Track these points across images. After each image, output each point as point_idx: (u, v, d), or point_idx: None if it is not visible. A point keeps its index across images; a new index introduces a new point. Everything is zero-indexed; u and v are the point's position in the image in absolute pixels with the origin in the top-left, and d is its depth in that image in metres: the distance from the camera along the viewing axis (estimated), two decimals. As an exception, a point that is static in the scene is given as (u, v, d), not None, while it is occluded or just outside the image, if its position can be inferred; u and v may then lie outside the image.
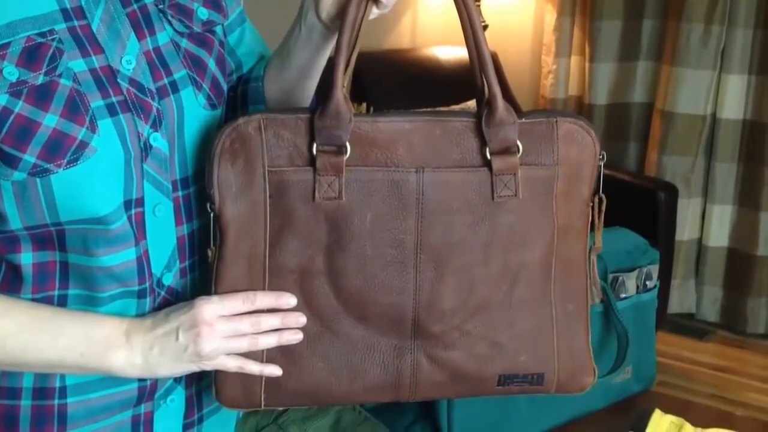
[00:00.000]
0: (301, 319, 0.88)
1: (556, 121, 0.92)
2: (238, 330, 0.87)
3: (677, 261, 3.15)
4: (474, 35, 0.91)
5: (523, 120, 0.90)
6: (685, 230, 3.17)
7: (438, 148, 0.88)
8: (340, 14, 0.89)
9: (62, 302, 0.89)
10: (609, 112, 3.39)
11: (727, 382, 2.83)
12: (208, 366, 0.88)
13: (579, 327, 0.96)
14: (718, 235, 3.20)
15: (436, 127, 0.89)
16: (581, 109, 3.46)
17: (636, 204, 2.88)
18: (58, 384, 0.89)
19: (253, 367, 0.88)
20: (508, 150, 0.89)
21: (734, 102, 3.11)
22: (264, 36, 1.10)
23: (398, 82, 2.76)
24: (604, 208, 0.98)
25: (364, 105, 2.47)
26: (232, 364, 0.88)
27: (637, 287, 1.22)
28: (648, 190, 2.90)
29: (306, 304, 0.89)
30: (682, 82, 3.13)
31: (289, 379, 0.90)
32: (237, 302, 0.87)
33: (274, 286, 0.88)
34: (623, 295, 1.20)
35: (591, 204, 0.97)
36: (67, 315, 0.87)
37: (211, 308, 0.86)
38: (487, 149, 0.88)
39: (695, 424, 1.14)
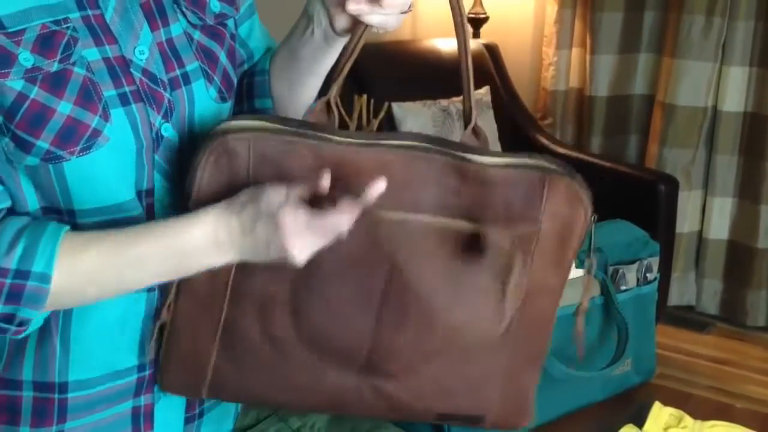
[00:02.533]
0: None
1: (550, 178, 0.84)
2: (322, 235, 0.82)
3: (677, 253, 3.15)
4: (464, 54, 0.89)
5: (514, 167, 0.84)
6: (686, 223, 3.17)
7: (418, 186, 0.84)
8: (354, 27, 0.89)
9: None
10: (610, 104, 3.39)
11: (727, 374, 2.84)
12: None
13: (531, 374, 0.94)
14: (719, 228, 3.20)
15: (419, 161, 0.84)
16: (582, 100, 3.45)
17: (636, 196, 2.88)
18: (57, 380, 0.89)
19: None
20: (487, 207, 0.84)
21: (735, 94, 3.10)
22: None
23: (398, 74, 2.75)
24: (594, 269, 0.94)
25: (364, 97, 2.46)
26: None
27: (638, 280, 1.22)
28: (648, 183, 2.89)
29: (262, 327, 0.87)
30: (683, 74, 3.12)
31: (234, 385, 0.91)
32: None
33: (233, 306, 0.87)
34: (623, 288, 1.20)
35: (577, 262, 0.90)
36: (155, 232, 0.84)
37: (296, 221, 0.80)
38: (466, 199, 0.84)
39: (695, 416, 1.14)
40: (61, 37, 0.83)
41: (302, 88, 1.00)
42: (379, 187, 0.80)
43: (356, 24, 0.89)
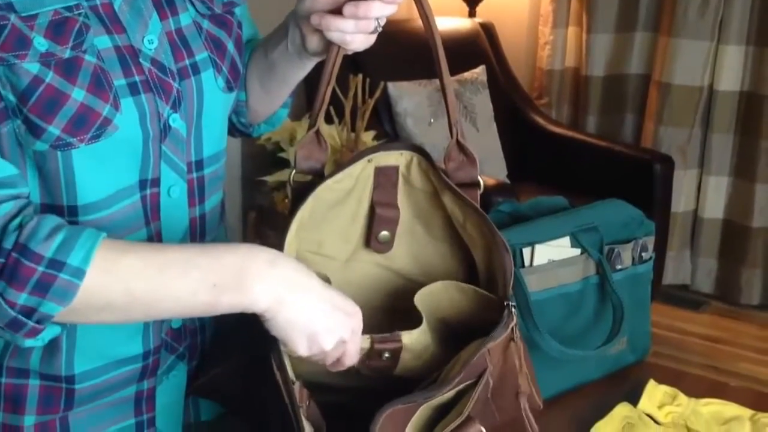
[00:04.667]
0: None
1: (488, 350, 0.81)
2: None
3: (673, 232, 3.16)
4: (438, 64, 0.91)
5: (463, 375, 0.80)
6: (681, 202, 3.18)
7: None
8: (326, 49, 0.91)
9: None
10: (606, 84, 3.38)
11: (721, 352, 2.85)
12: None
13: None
14: (714, 207, 3.21)
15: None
16: (578, 80, 3.45)
17: (632, 176, 2.89)
18: (64, 373, 0.88)
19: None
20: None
21: (731, 73, 3.10)
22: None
23: (394, 54, 2.74)
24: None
25: (360, 76, 2.46)
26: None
27: (633, 259, 1.22)
28: (644, 162, 2.90)
29: None
30: (679, 54, 3.12)
31: None
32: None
33: None
34: (619, 267, 1.20)
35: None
36: (196, 247, 0.81)
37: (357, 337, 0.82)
38: None
39: (689, 394, 1.15)
40: (74, 24, 0.82)
41: (274, 93, 1.04)
42: None
43: (329, 45, 0.90)
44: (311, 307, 0.78)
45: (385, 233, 0.95)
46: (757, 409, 1.13)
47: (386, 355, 0.87)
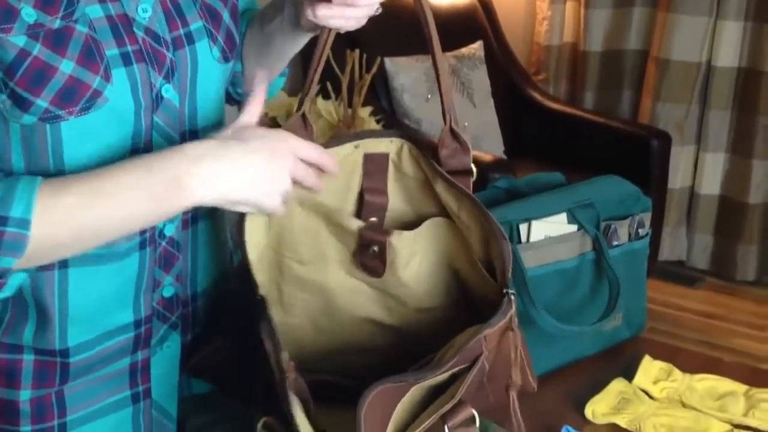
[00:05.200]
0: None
1: (485, 337, 0.80)
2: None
3: (669, 209, 3.16)
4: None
5: (458, 358, 0.78)
6: (678, 178, 3.18)
7: None
8: (321, 27, 0.91)
9: None
10: (603, 59, 3.37)
11: (716, 328, 2.87)
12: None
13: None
14: (710, 183, 3.21)
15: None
16: (575, 55, 3.43)
17: (629, 152, 2.88)
18: (58, 346, 0.89)
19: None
20: None
21: (729, 49, 3.09)
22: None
23: (391, 29, 2.72)
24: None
25: (357, 51, 2.44)
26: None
27: (629, 235, 1.22)
28: (641, 138, 2.89)
29: None
30: (677, 29, 3.10)
31: None
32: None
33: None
34: (615, 243, 1.20)
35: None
36: (128, 164, 0.81)
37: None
38: None
39: (684, 369, 1.15)
40: None
41: (269, 65, 1.03)
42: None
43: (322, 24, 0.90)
44: (250, 180, 0.82)
45: (373, 219, 0.95)
46: (752, 385, 1.14)
47: (373, 248, 0.88)
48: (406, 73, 2.84)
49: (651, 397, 1.11)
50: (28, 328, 0.88)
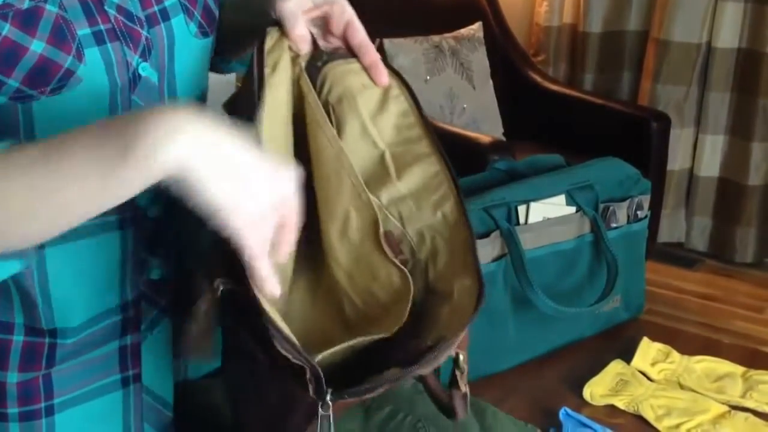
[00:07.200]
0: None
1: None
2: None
3: (668, 190, 3.16)
4: None
5: None
6: (677, 160, 3.18)
7: None
8: None
9: None
10: (603, 41, 3.36)
11: (715, 310, 2.87)
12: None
13: None
14: (710, 165, 3.20)
15: None
16: (575, 36, 3.42)
17: (628, 133, 2.88)
18: (45, 326, 0.88)
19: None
20: None
21: (729, 30, 3.07)
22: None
23: (390, 10, 2.72)
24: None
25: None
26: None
27: (628, 217, 1.22)
28: (641, 120, 2.88)
29: None
30: (677, 10, 3.09)
31: None
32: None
33: None
34: (614, 225, 1.20)
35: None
36: (74, 133, 0.70)
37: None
38: None
39: (682, 351, 1.16)
40: None
41: (242, 47, 1.02)
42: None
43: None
44: (242, 176, 0.69)
45: None
46: (750, 366, 1.14)
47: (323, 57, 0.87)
48: (405, 55, 2.83)
49: (649, 378, 1.11)
50: (16, 309, 0.87)
